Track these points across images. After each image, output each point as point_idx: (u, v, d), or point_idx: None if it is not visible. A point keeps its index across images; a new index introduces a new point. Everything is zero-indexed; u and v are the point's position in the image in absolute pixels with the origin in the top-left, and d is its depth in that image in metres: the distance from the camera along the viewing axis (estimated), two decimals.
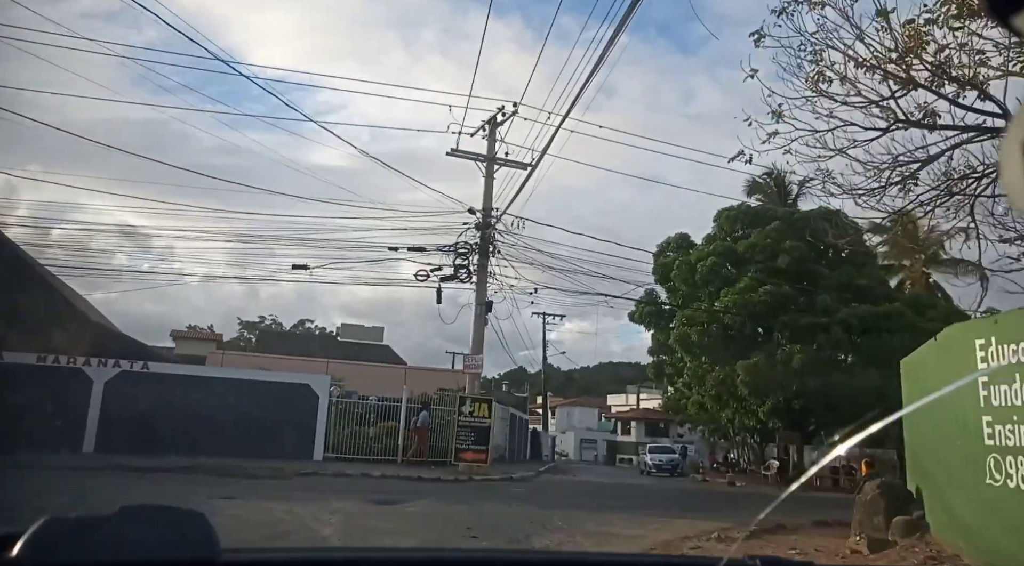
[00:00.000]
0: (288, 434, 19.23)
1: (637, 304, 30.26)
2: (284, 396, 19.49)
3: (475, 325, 20.26)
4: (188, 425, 18.12)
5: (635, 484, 24.30)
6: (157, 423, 17.83)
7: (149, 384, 18.16)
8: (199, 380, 18.78)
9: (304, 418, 19.53)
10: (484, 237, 20.23)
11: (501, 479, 19.51)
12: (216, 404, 18.64)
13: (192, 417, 18.21)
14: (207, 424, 18.37)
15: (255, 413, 18.97)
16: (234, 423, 18.71)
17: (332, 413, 20.29)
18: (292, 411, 19.45)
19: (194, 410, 18.29)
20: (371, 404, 21.46)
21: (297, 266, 18.54)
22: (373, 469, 18.58)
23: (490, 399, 20.33)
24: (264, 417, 19.05)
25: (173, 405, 18.09)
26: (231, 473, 16.56)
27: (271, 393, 19.37)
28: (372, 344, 47.09)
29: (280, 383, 19.76)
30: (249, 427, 18.82)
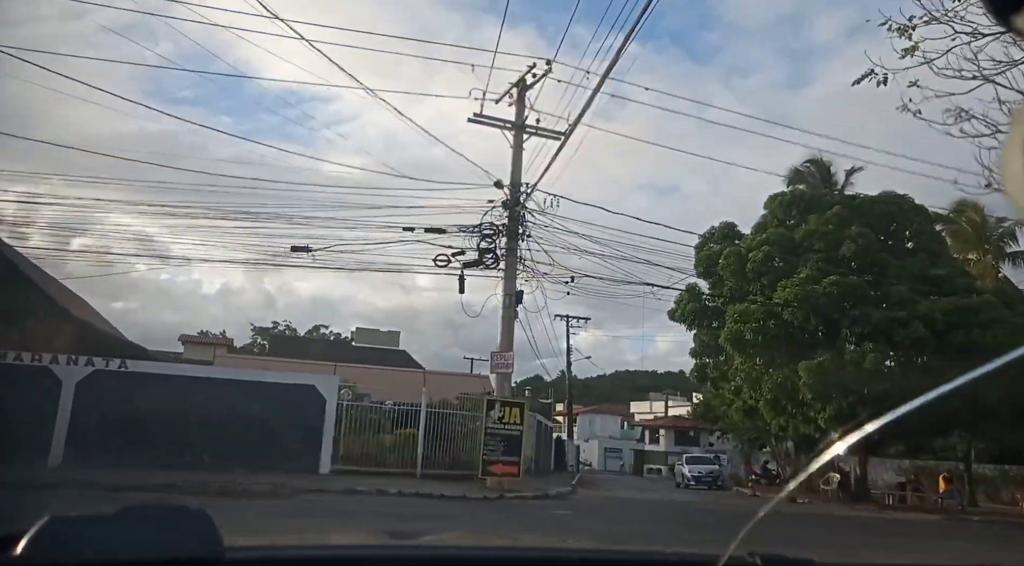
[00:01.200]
0: (290, 443, 16.62)
1: (677, 301, 27.43)
2: (286, 399, 16.91)
3: (503, 318, 17.57)
4: (173, 433, 15.58)
5: (686, 501, 21.47)
6: (136, 430, 15.28)
7: (127, 385, 15.64)
8: (186, 381, 16.23)
9: (309, 424, 16.92)
10: (513, 216, 17.55)
11: (536, 497, 16.78)
12: (206, 409, 16.07)
13: (177, 424, 15.66)
14: (195, 432, 15.82)
15: (252, 419, 16.38)
16: (227, 431, 16.12)
17: (342, 419, 17.67)
18: (295, 416, 16.85)
19: (180, 416, 15.74)
20: (386, 409, 18.83)
21: (297, 247, 16.02)
22: (389, 484, 15.92)
23: (522, 403, 17.63)
24: (263, 423, 16.46)
25: (155, 410, 15.55)
26: (220, 491, 13.98)
27: (271, 396, 16.78)
28: (388, 349, 45.09)
29: (281, 384, 17.17)
30: (245, 435, 16.23)
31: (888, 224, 24.99)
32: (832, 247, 23.26)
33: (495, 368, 17.27)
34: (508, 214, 17.59)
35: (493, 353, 17.40)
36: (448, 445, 18.70)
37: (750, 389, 23.51)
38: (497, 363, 17.21)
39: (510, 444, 16.95)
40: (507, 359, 17.19)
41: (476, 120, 17.86)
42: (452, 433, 18.85)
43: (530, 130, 18.24)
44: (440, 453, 18.48)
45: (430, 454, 18.34)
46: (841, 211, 23.90)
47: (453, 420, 19.05)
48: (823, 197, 26.40)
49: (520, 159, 18.08)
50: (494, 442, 16.85)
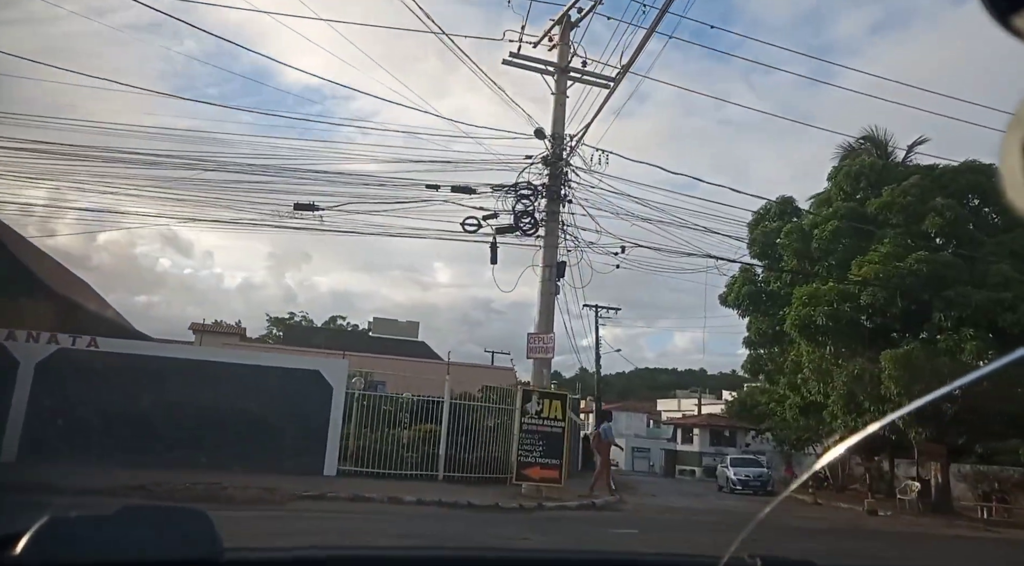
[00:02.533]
0: (290, 439, 14.06)
1: (730, 285, 24.53)
2: (286, 387, 14.35)
3: (542, 293, 14.85)
4: (151, 425, 13.08)
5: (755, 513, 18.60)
6: (107, 422, 12.79)
7: (98, 367, 13.13)
8: (168, 364, 13.68)
9: (313, 417, 14.35)
10: (555, 174, 14.81)
11: (580, 507, 14.08)
12: (191, 396, 13.56)
13: (157, 414, 13.17)
14: (177, 424, 13.32)
15: (246, 409, 13.86)
16: (216, 423, 13.61)
17: (351, 411, 15.06)
18: (297, 407, 14.29)
19: (160, 404, 13.25)
20: (403, 400, 16.20)
21: (301, 206, 13.42)
22: (405, 490, 13.32)
23: (564, 395, 14.90)
24: (258, 415, 13.93)
25: (131, 397, 13.08)
26: (199, 496, 11.46)
27: (268, 383, 14.23)
28: (407, 340, 42.81)
29: (280, 369, 14.60)
30: (237, 428, 13.71)
31: (974, 196, 21.93)
32: (913, 221, 20.28)
33: (532, 352, 14.55)
34: (549, 171, 14.85)
35: (530, 334, 14.68)
36: (475, 443, 16.05)
37: (818, 382, 20.55)
38: (535, 346, 14.48)
39: (550, 444, 14.24)
40: (547, 342, 14.46)
41: (513, 62, 15.14)
42: (480, 429, 16.17)
43: (574, 74, 15.48)
44: (465, 452, 15.83)
45: (454, 453, 15.68)
46: (921, 181, 20.87)
47: (481, 414, 16.39)
48: (895, 167, 23.37)
49: (563, 108, 15.34)
50: (531, 441, 14.14)
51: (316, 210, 13.54)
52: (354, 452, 14.91)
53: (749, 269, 24.78)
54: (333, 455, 14.33)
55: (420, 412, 15.89)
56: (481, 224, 14.48)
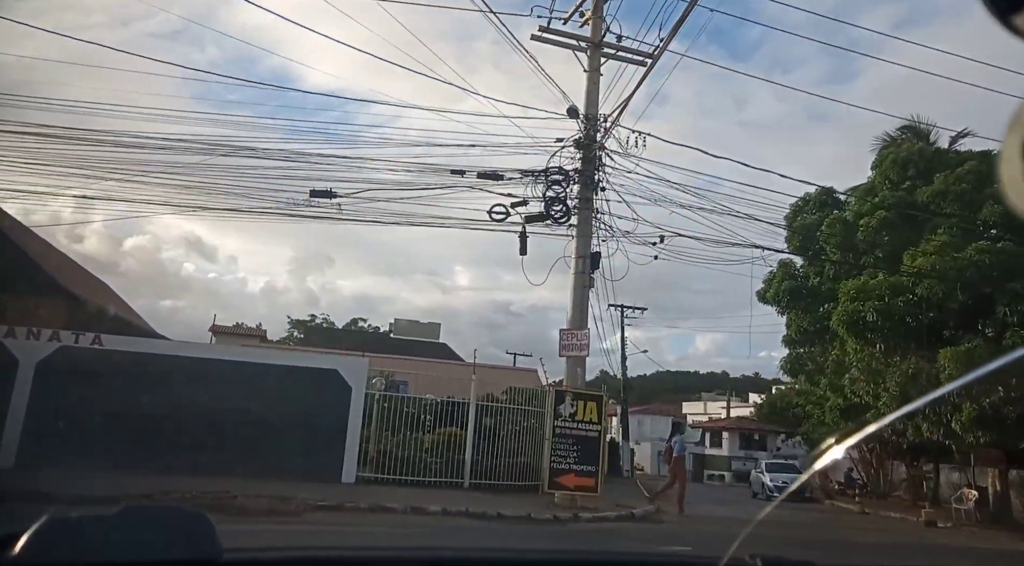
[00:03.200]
0: (306, 442, 13.11)
1: (768, 280, 23.29)
2: (302, 387, 13.40)
3: (575, 286, 13.78)
4: (158, 428, 12.22)
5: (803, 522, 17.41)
6: (112, 424, 11.97)
7: (102, 366, 12.29)
8: (176, 362, 12.77)
9: (330, 419, 13.39)
10: (588, 158, 13.74)
11: (619, 518, 12.98)
12: (201, 397, 12.66)
13: (165, 416, 12.31)
14: (186, 427, 12.44)
15: (258, 411, 12.93)
16: (227, 426, 12.71)
17: (371, 412, 14.08)
18: (313, 408, 13.33)
19: (168, 405, 12.39)
20: (426, 402, 15.19)
21: (318, 193, 12.48)
22: (429, 498, 12.32)
23: (600, 396, 13.80)
24: (271, 417, 13.00)
25: (137, 398, 12.21)
26: (207, 506, 10.53)
27: (283, 383, 13.29)
28: (428, 342, 42.02)
29: (296, 368, 13.65)
30: (249, 432, 12.80)
31: None
32: (969, 210, 18.94)
33: (565, 349, 13.46)
34: (582, 155, 13.78)
35: (562, 331, 13.60)
36: (503, 448, 15.00)
37: (868, 383, 19.22)
38: (568, 343, 13.40)
39: (585, 449, 13.15)
40: (581, 338, 13.38)
41: (543, 38, 14.08)
42: (508, 434, 15.12)
43: (609, 50, 14.40)
44: (493, 458, 14.78)
45: (480, 459, 14.65)
46: (977, 167, 19.48)
47: (509, 417, 15.33)
48: (946, 154, 21.99)
49: (596, 87, 14.27)
50: (564, 446, 13.06)
51: (334, 197, 12.59)
52: (374, 457, 13.94)
53: (789, 263, 23.52)
54: (352, 461, 13.35)
55: (444, 415, 14.88)
56: (509, 212, 13.47)
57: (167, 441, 12.17)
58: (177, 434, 12.30)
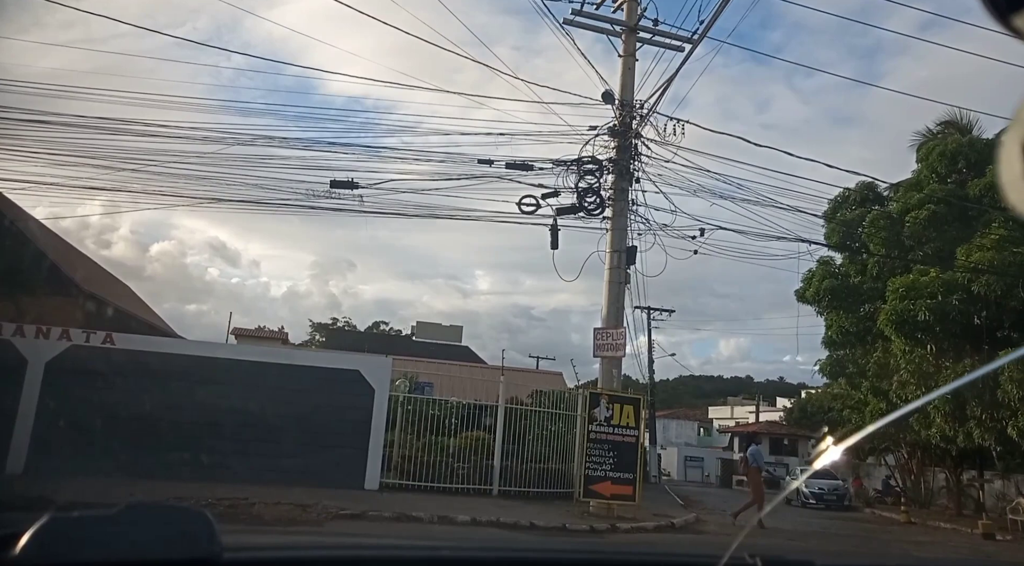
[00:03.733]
0: (327, 446, 12.45)
1: (807, 279, 22.31)
2: (323, 388, 12.73)
3: (609, 282, 12.99)
4: (171, 431, 11.62)
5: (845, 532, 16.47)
6: (124, 427, 11.38)
7: (114, 366, 11.72)
8: (191, 363, 12.18)
9: (352, 422, 12.71)
10: (624, 146, 12.95)
11: (659, 528, 12.14)
12: (217, 399, 12.06)
13: (178, 419, 11.72)
14: (200, 430, 11.84)
15: (276, 413, 12.29)
16: (245, 429, 12.10)
17: (395, 415, 13.38)
18: (335, 411, 12.65)
19: (182, 407, 11.80)
20: (452, 405, 14.46)
21: (338, 184, 11.83)
22: (456, 507, 11.60)
23: (638, 399, 12.96)
24: (290, 419, 12.36)
25: (150, 399, 11.62)
26: (223, 514, 9.90)
27: (303, 383, 12.64)
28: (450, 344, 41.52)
29: (317, 369, 12.99)
30: (267, 435, 12.18)
31: None
32: None
33: (600, 349, 12.67)
34: (617, 143, 13.00)
35: (597, 330, 12.81)
36: (532, 453, 14.23)
37: (918, 386, 18.17)
38: (603, 343, 12.60)
39: (622, 455, 12.34)
40: (617, 338, 12.58)
41: (576, 21, 13.33)
42: (537, 438, 14.34)
43: (645, 34, 13.62)
44: (522, 464, 14.02)
45: (509, 465, 13.89)
46: None
47: (539, 421, 14.55)
48: (996, 145, 20.83)
49: (632, 72, 13.49)
50: (600, 452, 12.26)
51: (355, 188, 11.93)
52: (398, 463, 13.23)
53: (829, 261, 22.51)
54: (375, 466, 12.66)
55: (472, 418, 14.14)
56: (540, 204, 12.71)
57: (180, 445, 11.58)
58: (191, 438, 11.71)
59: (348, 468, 12.43)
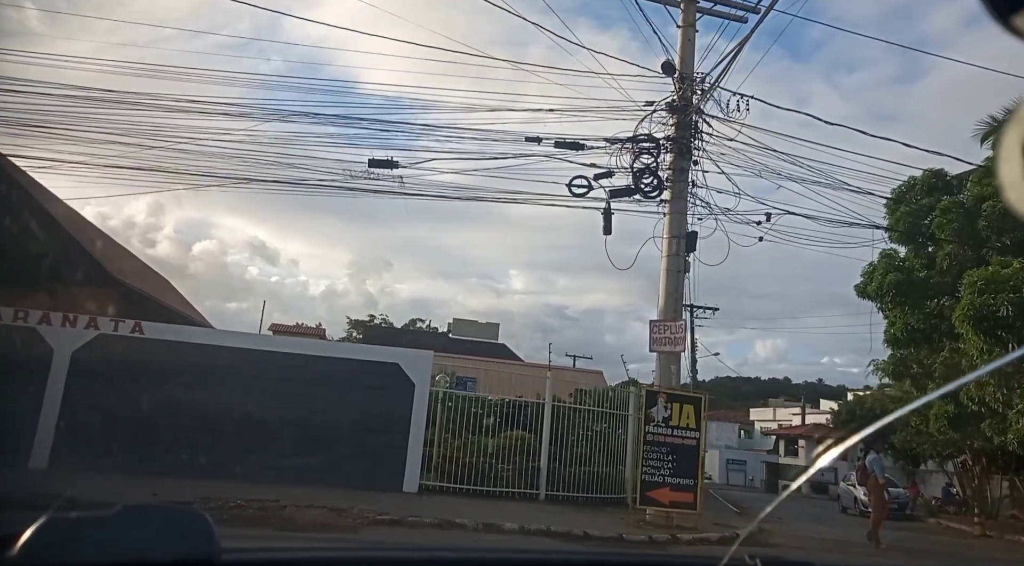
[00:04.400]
0: (363, 445, 11.68)
1: (867, 273, 20.96)
2: (360, 382, 11.96)
3: (667, 270, 11.98)
4: (200, 427, 11.00)
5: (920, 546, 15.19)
6: (152, 421, 10.76)
7: (142, 357, 11.11)
8: (224, 354, 11.50)
9: (390, 419, 11.91)
10: (684, 123, 11.92)
11: (722, 540, 11.08)
12: (249, 393, 11.39)
13: (207, 414, 11.07)
14: (231, 426, 11.17)
15: (311, 409, 11.57)
16: (277, 425, 11.40)
17: (434, 413, 12.55)
18: (372, 407, 11.87)
19: (213, 402, 11.14)
20: (495, 403, 13.58)
21: (377, 163, 11.05)
22: (501, 513, 10.73)
23: (699, 397, 11.91)
24: (325, 415, 11.62)
25: (180, 392, 10.99)
26: (252, 516, 9.20)
27: (339, 377, 11.89)
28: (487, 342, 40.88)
29: (353, 361, 12.20)
30: (300, 432, 11.47)
31: None
32: None
33: (657, 343, 11.66)
34: (676, 120, 11.97)
35: (653, 322, 11.80)
36: (580, 455, 13.27)
37: (998, 388, 16.76)
38: (660, 337, 11.59)
39: (682, 459, 11.32)
40: (675, 331, 11.55)
41: None
42: (585, 439, 13.38)
43: (705, 3, 12.57)
44: (569, 466, 13.07)
45: (556, 467, 12.97)
46: None
47: (587, 421, 13.59)
48: None
49: (692, 44, 12.45)
50: (658, 455, 11.26)
51: (395, 167, 11.14)
52: (438, 463, 12.40)
53: (892, 254, 21.08)
54: (415, 467, 11.84)
55: (515, 417, 13.24)
56: (592, 185, 11.76)
57: (209, 441, 10.93)
58: (220, 434, 11.06)
59: (386, 469, 11.64)
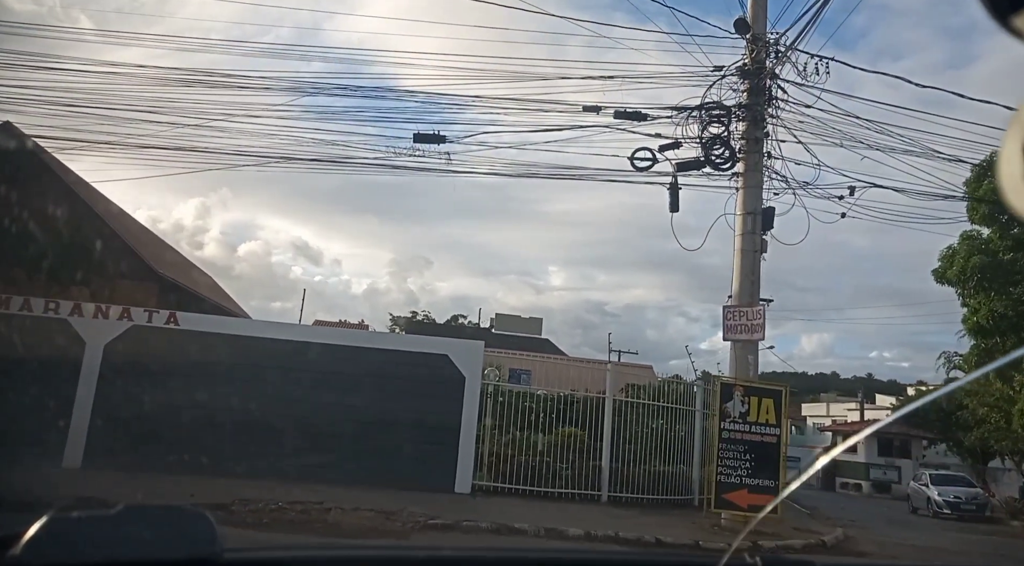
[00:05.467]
0: (413, 442, 10.85)
1: (946, 257, 19.42)
2: (407, 375, 11.12)
3: (742, 251, 10.87)
4: (241, 421, 10.31)
5: None
6: (190, 417, 10.11)
7: (177, 349, 10.46)
8: (263, 346, 10.79)
9: (441, 414, 11.04)
10: (757, 89, 10.79)
11: (809, 548, 9.96)
12: (288, 386, 10.68)
13: (249, 407, 10.35)
14: (272, 422, 10.45)
15: (356, 404, 10.80)
16: (320, 421, 10.66)
17: (485, 408, 11.64)
18: (419, 400, 11.03)
19: (252, 395, 10.43)
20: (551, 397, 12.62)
21: (423, 137, 10.20)
22: (563, 516, 9.82)
23: (779, 390, 10.76)
24: (372, 412, 10.85)
25: (218, 386, 10.32)
26: (295, 519, 8.45)
27: (384, 369, 11.08)
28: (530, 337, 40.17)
29: (400, 353, 11.34)
30: (345, 428, 10.71)
31: None
32: None
33: (732, 331, 10.56)
34: (748, 86, 10.84)
35: (728, 308, 10.70)
36: (643, 454, 12.24)
37: None
38: (736, 323, 10.49)
39: (761, 458, 10.23)
40: (753, 317, 10.44)
41: None
42: (647, 436, 12.34)
43: None
44: (631, 466, 12.05)
45: (618, 466, 11.97)
46: None
47: (647, 417, 12.54)
48: None
49: (764, 3, 11.28)
50: (734, 454, 10.18)
51: (442, 142, 10.27)
52: (492, 462, 11.50)
53: (974, 235, 19.48)
54: (467, 466, 10.96)
55: (573, 413, 12.25)
56: (656, 158, 10.70)
57: (248, 438, 10.23)
58: (259, 430, 10.36)
59: (436, 468, 10.79)
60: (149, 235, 21.07)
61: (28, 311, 10.32)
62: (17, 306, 10.28)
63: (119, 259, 14.27)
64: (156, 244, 20.55)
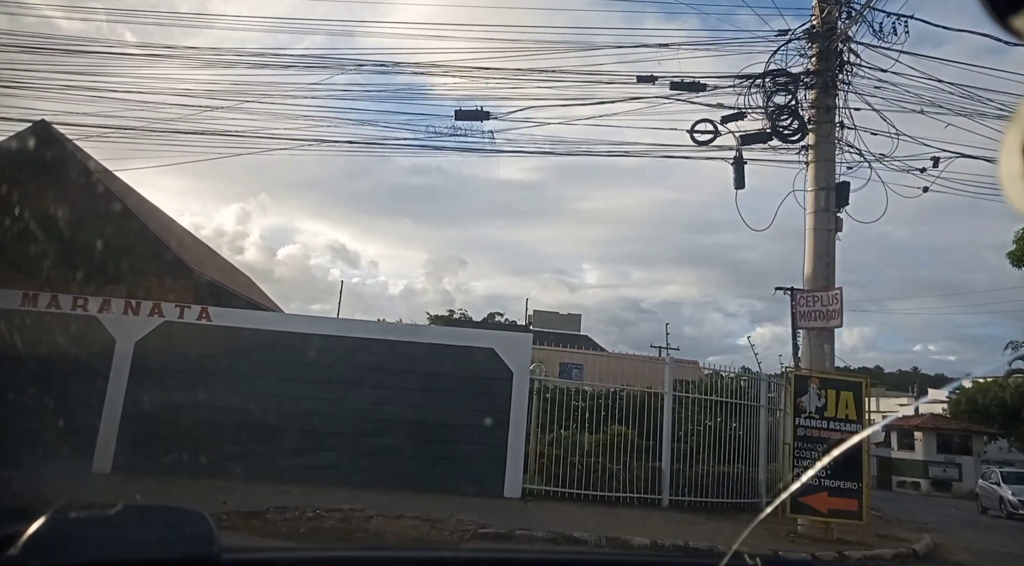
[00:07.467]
0: (458, 443, 10.12)
1: (1020, 238, 18.11)
2: (451, 370, 10.40)
3: (815, 230, 9.89)
4: (277, 423, 9.69)
5: None
6: (223, 418, 9.54)
7: (210, 347, 9.90)
8: (297, 340, 10.14)
9: (487, 413, 10.28)
10: (827, 53, 9.80)
11: (898, 557, 8.98)
12: (325, 384, 10.03)
13: (284, 407, 9.72)
14: (311, 422, 9.83)
15: (398, 403, 10.09)
16: (360, 421, 9.99)
17: (533, 406, 10.84)
18: (464, 398, 10.29)
19: (288, 394, 9.79)
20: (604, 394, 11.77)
21: (465, 114, 9.46)
22: (623, 524, 9.00)
23: (859, 382, 9.75)
24: (415, 410, 10.14)
25: (251, 383, 9.72)
26: (334, 528, 7.78)
27: (426, 365, 10.38)
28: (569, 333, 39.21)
29: (443, 347, 10.57)
30: (386, 429, 10.02)
31: None
32: None
33: (805, 318, 9.61)
34: (816, 50, 9.86)
35: (800, 293, 9.76)
36: (704, 454, 11.32)
37: None
38: (810, 310, 9.53)
39: (842, 458, 9.23)
40: (828, 303, 9.46)
41: None
42: (708, 434, 11.42)
43: None
44: (693, 466, 11.15)
45: (679, 467, 11.08)
46: None
47: (706, 413, 11.62)
48: None
49: None
50: (813, 454, 9.22)
51: (485, 119, 9.53)
52: (543, 464, 10.71)
53: None
54: (516, 468, 10.19)
55: (631, 410, 11.39)
56: (718, 130, 9.79)
57: (284, 441, 9.63)
58: (294, 432, 9.78)
59: (484, 470, 10.05)
60: (191, 238, 20.83)
61: (56, 308, 9.88)
62: (45, 303, 9.84)
63: (159, 259, 13.92)
64: (197, 246, 20.28)
